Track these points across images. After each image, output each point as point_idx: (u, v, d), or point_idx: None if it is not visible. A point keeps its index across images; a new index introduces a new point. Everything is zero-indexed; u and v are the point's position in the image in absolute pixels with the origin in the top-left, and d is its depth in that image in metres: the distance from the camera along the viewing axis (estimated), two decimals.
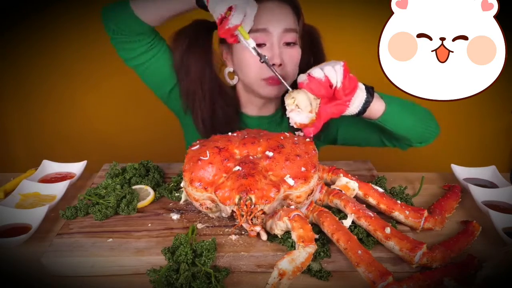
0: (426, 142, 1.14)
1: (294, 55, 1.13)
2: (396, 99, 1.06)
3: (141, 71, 1.18)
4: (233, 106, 1.26)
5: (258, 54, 1.00)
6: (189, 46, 1.15)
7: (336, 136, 1.31)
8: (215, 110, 1.21)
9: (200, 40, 1.16)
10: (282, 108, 1.30)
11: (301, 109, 0.96)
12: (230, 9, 0.93)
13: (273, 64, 1.09)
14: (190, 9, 1.03)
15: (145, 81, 1.21)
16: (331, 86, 0.96)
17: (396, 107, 1.05)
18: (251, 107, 1.28)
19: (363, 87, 1.00)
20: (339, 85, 0.95)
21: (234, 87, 1.28)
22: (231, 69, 1.21)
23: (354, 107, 1.00)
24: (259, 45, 1.08)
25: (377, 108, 1.02)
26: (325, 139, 1.32)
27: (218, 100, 1.21)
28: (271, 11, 1.09)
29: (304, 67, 1.18)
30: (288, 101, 0.98)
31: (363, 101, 1.00)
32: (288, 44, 1.12)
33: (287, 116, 0.99)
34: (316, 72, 0.96)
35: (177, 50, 1.15)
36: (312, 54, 1.23)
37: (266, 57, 1.02)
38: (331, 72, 0.95)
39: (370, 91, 1.01)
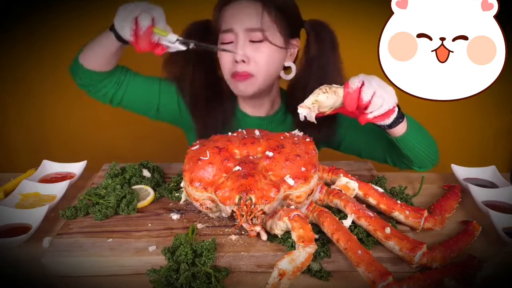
0: (424, 168, 1.15)
1: (261, 50, 1.12)
2: (415, 124, 1.06)
3: (125, 106, 1.22)
4: (231, 104, 1.27)
5: (185, 43, 0.98)
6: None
7: (340, 145, 1.31)
8: (214, 108, 1.23)
9: (200, 40, 1.15)
10: (284, 107, 1.30)
11: (316, 109, 0.93)
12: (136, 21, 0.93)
13: (237, 62, 1.12)
14: (120, 46, 1.05)
15: (136, 113, 1.27)
16: (365, 108, 0.91)
17: (414, 133, 1.04)
18: (247, 106, 1.28)
19: (394, 116, 0.95)
20: (370, 117, 0.92)
21: None
22: None
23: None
24: (227, 43, 1.12)
25: (399, 130, 1.01)
26: (328, 144, 1.31)
27: (216, 98, 1.23)
28: (234, 11, 1.11)
29: (314, 66, 1.17)
30: (311, 98, 0.92)
31: (382, 125, 0.98)
32: (254, 41, 1.12)
33: (299, 106, 0.93)
34: (366, 93, 0.89)
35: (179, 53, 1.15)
36: (322, 52, 1.18)
37: (193, 43, 0.99)
38: (377, 103, 0.89)
39: (398, 119, 0.97)
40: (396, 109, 0.96)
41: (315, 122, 0.93)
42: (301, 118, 0.93)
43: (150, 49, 0.96)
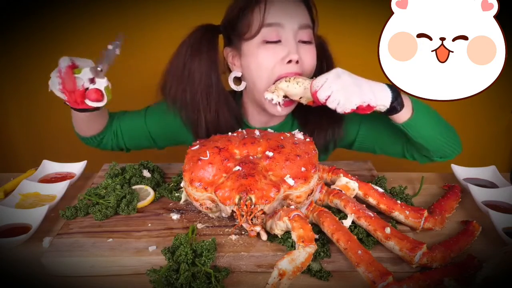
0: (446, 158, 1.11)
1: (311, 53, 1.07)
2: (424, 107, 1.04)
3: (134, 148, 1.32)
4: (236, 116, 1.19)
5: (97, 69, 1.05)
6: (192, 53, 1.09)
7: (354, 141, 1.25)
8: (219, 120, 1.15)
9: (205, 45, 1.09)
10: (291, 118, 1.24)
11: (281, 95, 1.04)
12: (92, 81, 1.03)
13: (290, 61, 1.03)
14: (89, 114, 1.13)
15: (146, 148, 1.33)
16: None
17: (422, 116, 1.02)
18: (257, 120, 1.22)
19: (377, 110, 0.96)
20: (340, 110, 0.94)
21: (239, 96, 1.23)
22: (239, 74, 1.13)
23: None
24: (275, 42, 1.04)
25: (402, 117, 1.00)
26: (339, 144, 1.25)
27: (222, 109, 1.14)
28: (284, 6, 1.04)
29: (317, 74, 1.15)
30: (280, 85, 1.03)
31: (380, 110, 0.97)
32: (304, 42, 1.06)
33: (265, 91, 1.06)
34: (321, 95, 0.94)
35: (180, 58, 1.10)
36: (326, 62, 1.17)
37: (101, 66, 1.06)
38: (331, 105, 0.94)
39: (395, 107, 0.97)
40: (378, 106, 0.95)
41: (279, 109, 1.07)
42: (268, 100, 1.06)
43: (81, 98, 1.03)
